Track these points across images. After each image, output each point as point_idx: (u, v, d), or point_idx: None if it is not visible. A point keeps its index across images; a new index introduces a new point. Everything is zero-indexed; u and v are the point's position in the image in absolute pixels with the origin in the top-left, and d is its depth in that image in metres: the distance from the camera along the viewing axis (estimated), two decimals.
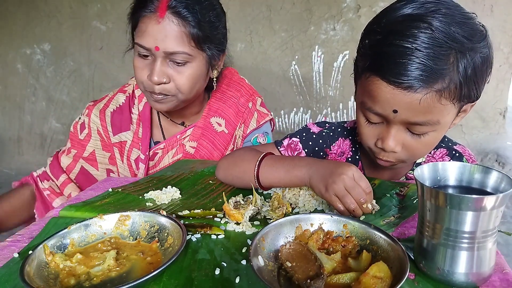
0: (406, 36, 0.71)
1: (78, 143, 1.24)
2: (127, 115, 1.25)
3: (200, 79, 1.11)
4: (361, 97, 0.83)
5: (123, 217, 0.72)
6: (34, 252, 0.61)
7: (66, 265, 0.62)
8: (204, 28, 1.04)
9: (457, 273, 0.55)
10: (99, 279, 0.59)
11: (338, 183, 0.73)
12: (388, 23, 0.76)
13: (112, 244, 0.68)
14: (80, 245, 0.68)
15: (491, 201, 0.51)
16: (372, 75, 0.77)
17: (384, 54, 0.74)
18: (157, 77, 1.03)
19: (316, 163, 0.81)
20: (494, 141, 3.17)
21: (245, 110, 1.28)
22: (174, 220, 0.68)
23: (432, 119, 0.76)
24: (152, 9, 1.00)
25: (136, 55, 1.07)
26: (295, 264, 0.57)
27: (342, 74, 3.16)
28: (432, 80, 0.71)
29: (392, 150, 0.82)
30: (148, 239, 0.69)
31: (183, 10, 1.00)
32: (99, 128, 1.24)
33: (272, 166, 0.86)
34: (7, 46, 3.65)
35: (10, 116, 3.83)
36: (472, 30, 0.72)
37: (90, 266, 0.62)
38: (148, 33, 1.01)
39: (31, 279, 0.56)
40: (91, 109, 1.25)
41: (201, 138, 1.23)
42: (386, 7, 0.81)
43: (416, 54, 0.70)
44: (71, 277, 0.60)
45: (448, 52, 0.71)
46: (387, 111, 0.77)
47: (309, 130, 1.07)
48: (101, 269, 0.61)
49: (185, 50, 1.02)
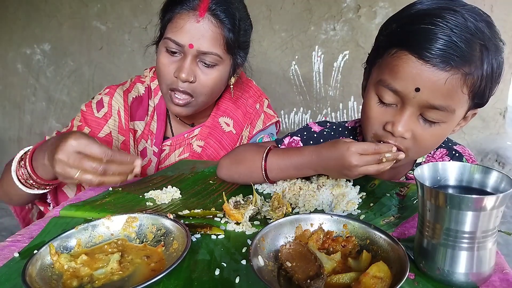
0: (439, 17, 0.72)
1: (93, 121, 1.15)
2: (145, 106, 1.23)
3: (222, 83, 1.13)
4: (379, 76, 0.80)
5: (131, 218, 0.71)
6: (39, 252, 0.61)
7: (71, 266, 0.61)
8: (237, 34, 1.06)
9: (457, 273, 0.55)
10: (101, 282, 0.59)
11: (354, 170, 0.77)
12: (418, 10, 0.77)
13: (119, 246, 0.67)
14: (86, 246, 0.67)
15: (491, 201, 0.51)
16: (399, 50, 0.76)
17: (415, 30, 0.74)
18: (185, 74, 1.03)
19: (320, 157, 0.82)
20: (494, 141, 3.17)
21: (252, 111, 1.28)
22: (181, 224, 0.68)
23: (450, 106, 0.75)
24: (191, 7, 1.01)
25: (163, 50, 1.06)
26: (295, 264, 0.57)
27: (342, 74, 3.16)
28: (461, 62, 0.71)
29: (401, 135, 0.79)
30: (154, 242, 0.69)
31: (222, 13, 1.02)
32: (121, 108, 1.18)
33: (278, 163, 0.87)
34: (7, 46, 3.65)
35: (10, 116, 3.82)
36: (495, 34, 0.75)
37: (94, 268, 0.62)
38: (185, 30, 1.01)
39: (33, 280, 0.56)
40: (114, 88, 1.21)
41: (208, 137, 1.24)
42: (408, 4, 0.81)
43: (448, 33, 0.71)
44: (74, 278, 0.59)
45: (477, 42, 0.72)
46: (409, 89, 0.75)
47: (310, 129, 1.07)
48: (104, 272, 0.61)
49: (218, 52, 1.04)
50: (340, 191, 0.84)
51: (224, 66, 1.08)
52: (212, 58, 1.04)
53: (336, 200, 0.81)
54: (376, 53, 0.84)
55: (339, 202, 0.80)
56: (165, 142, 1.24)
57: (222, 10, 1.02)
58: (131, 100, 1.22)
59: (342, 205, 0.79)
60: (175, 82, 1.05)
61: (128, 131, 1.19)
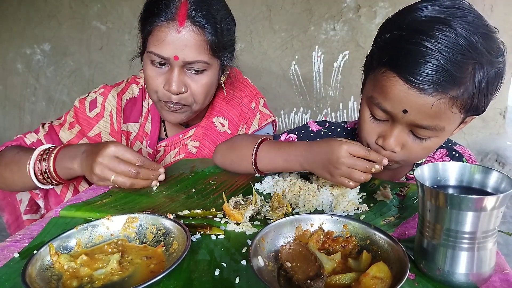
0: (429, 36, 0.70)
1: (85, 120, 1.17)
2: (139, 107, 1.23)
3: (213, 87, 1.12)
4: (371, 91, 0.81)
5: (130, 219, 0.71)
6: (39, 252, 0.61)
7: (71, 266, 0.61)
8: (220, 36, 1.03)
9: (458, 273, 0.55)
10: (101, 283, 0.59)
11: (340, 167, 0.75)
12: (412, 21, 0.75)
13: (119, 247, 0.67)
14: (86, 246, 0.67)
15: (492, 202, 0.51)
16: (388, 71, 0.75)
17: (404, 51, 0.73)
18: (176, 87, 1.02)
19: (310, 149, 0.82)
20: (494, 141, 3.17)
21: (247, 110, 1.27)
22: (180, 224, 0.68)
23: (439, 125, 0.76)
24: (169, 17, 0.97)
25: (148, 63, 1.05)
26: (295, 264, 0.57)
27: (342, 74, 3.16)
28: (449, 86, 0.71)
29: (392, 150, 0.81)
30: (154, 242, 0.68)
31: (202, 19, 0.99)
32: (113, 110, 1.19)
33: (269, 153, 0.88)
34: (7, 46, 3.65)
35: (10, 116, 3.83)
36: (493, 44, 0.73)
37: (94, 268, 0.62)
38: (167, 42, 0.98)
39: (32, 280, 0.56)
40: (108, 89, 1.20)
41: (203, 138, 1.23)
42: (409, 5, 0.79)
43: (437, 56, 0.69)
44: (74, 279, 0.59)
45: (468, 61, 0.70)
46: (397, 110, 0.76)
47: (308, 127, 1.07)
48: (104, 272, 0.61)
49: (204, 59, 1.02)
50: (340, 191, 0.84)
51: (212, 69, 1.07)
52: (199, 65, 1.03)
53: (336, 200, 0.81)
54: (369, 64, 0.84)
55: (339, 202, 0.80)
56: (160, 143, 1.24)
57: (202, 16, 0.99)
58: (125, 102, 1.21)
59: (342, 205, 0.79)
60: (167, 95, 1.04)
61: (120, 133, 1.20)
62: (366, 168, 0.74)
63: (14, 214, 1.15)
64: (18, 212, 1.15)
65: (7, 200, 1.14)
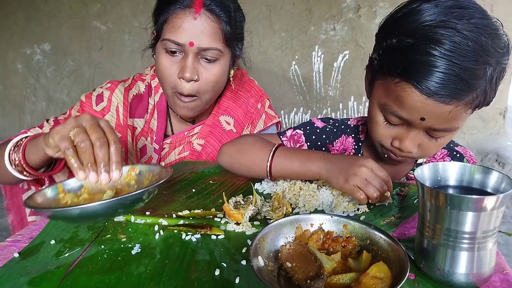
0: (440, 44, 0.70)
1: (91, 114, 1.15)
2: (145, 103, 1.23)
3: (223, 78, 1.13)
4: (384, 98, 0.81)
5: (131, 168, 0.80)
6: (48, 188, 0.73)
7: (73, 201, 0.73)
8: (234, 26, 1.06)
9: (458, 273, 0.55)
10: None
11: (359, 174, 0.76)
12: (418, 27, 0.73)
13: (117, 189, 0.77)
14: (91, 191, 0.76)
15: (492, 202, 0.51)
16: (403, 82, 0.75)
17: (419, 62, 0.72)
18: (189, 74, 1.03)
19: (332, 157, 0.84)
20: (494, 141, 3.17)
21: (254, 110, 1.28)
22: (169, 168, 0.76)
23: (454, 126, 0.79)
24: (186, 4, 1.00)
25: (162, 52, 1.06)
26: (295, 264, 0.57)
27: (342, 74, 3.17)
28: (465, 94, 0.72)
29: (409, 151, 0.83)
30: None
31: (217, 7, 1.02)
32: (120, 104, 1.19)
33: (286, 158, 0.87)
34: (7, 46, 3.65)
35: (10, 116, 3.83)
36: (499, 42, 0.73)
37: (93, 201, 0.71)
38: (183, 29, 1.00)
39: (33, 202, 0.69)
40: (115, 84, 1.21)
41: (209, 135, 1.24)
42: (408, 4, 0.78)
43: (453, 68, 0.70)
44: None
45: (481, 66, 0.71)
46: (414, 118, 0.78)
47: (313, 124, 1.07)
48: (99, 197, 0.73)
49: (218, 47, 1.03)
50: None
51: (225, 59, 1.08)
52: (213, 53, 1.04)
53: (336, 201, 0.81)
54: (379, 67, 0.82)
55: (339, 202, 0.80)
56: (165, 140, 1.24)
57: (217, 4, 1.02)
58: (131, 97, 1.22)
59: (342, 206, 0.79)
60: (179, 85, 1.05)
61: (126, 128, 1.20)
62: (382, 187, 0.76)
63: (20, 215, 1.15)
64: (24, 214, 1.15)
65: (14, 201, 1.14)
